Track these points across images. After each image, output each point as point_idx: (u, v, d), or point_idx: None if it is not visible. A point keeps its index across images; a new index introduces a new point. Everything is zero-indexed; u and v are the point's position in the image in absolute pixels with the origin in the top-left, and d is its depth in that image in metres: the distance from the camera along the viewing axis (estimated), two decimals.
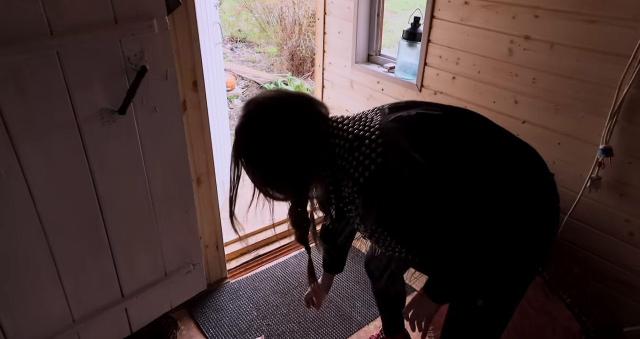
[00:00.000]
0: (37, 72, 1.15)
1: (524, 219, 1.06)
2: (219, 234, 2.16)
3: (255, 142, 1.00)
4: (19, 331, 1.38)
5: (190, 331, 2.05)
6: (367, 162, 0.95)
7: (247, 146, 1.02)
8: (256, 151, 1.01)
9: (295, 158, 1.00)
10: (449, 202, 0.99)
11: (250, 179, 1.11)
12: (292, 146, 0.99)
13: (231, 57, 6.34)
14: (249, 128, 1.00)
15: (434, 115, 1.06)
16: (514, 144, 1.12)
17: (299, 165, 1.01)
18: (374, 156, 0.95)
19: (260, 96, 1.02)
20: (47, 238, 1.33)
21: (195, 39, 1.67)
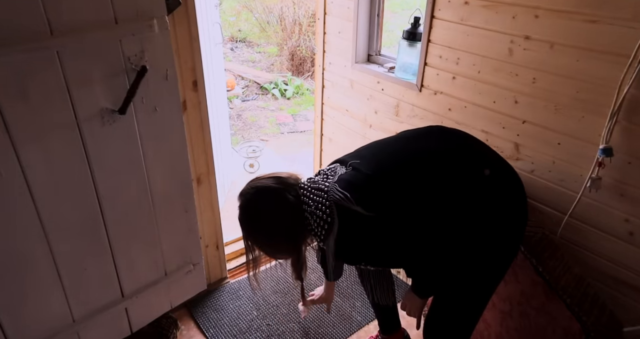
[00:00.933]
0: (37, 72, 1.15)
1: (476, 221, 1.27)
2: (219, 234, 2.16)
3: (253, 228, 1.36)
4: (19, 330, 1.38)
5: (190, 330, 2.05)
6: (321, 223, 1.26)
7: (249, 231, 1.37)
8: (256, 233, 1.37)
9: (283, 232, 1.34)
10: (406, 229, 1.23)
11: (261, 251, 1.44)
12: (278, 224, 1.33)
13: (231, 57, 6.34)
14: (244, 219, 1.36)
15: (362, 172, 1.30)
16: (454, 149, 1.36)
17: (288, 235, 1.35)
18: (325, 217, 1.24)
19: (244, 191, 1.35)
20: (47, 238, 1.33)
21: (196, 39, 1.67)
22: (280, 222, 1.32)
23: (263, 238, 1.37)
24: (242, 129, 4.49)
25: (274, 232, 1.34)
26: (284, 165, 3.57)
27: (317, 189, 1.30)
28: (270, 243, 1.39)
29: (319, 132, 2.65)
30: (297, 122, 4.70)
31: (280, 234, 1.34)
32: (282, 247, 1.40)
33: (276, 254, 1.46)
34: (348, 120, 2.44)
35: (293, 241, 1.36)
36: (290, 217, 1.31)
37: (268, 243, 1.39)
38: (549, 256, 1.52)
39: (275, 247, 1.40)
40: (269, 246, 1.40)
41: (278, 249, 1.41)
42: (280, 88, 5.33)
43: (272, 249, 1.42)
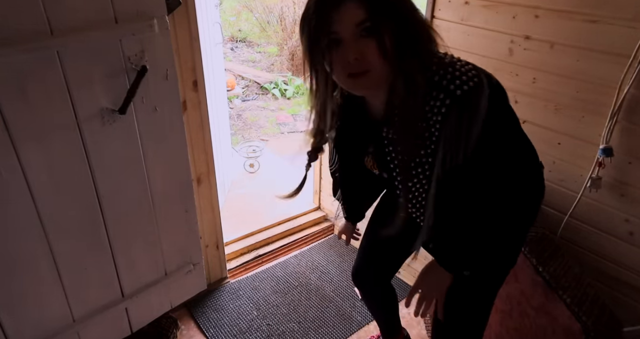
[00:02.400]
0: (38, 72, 1.15)
1: (523, 196, 1.02)
2: (219, 234, 2.16)
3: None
4: (19, 330, 1.38)
5: (190, 330, 2.06)
6: (464, 78, 0.89)
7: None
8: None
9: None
10: (495, 152, 0.95)
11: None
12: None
13: (231, 57, 6.34)
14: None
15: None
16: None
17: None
18: (471, 75, 0.90)
19: None
20: (47, 238, 1.33)
21: (196, 38, 1.67)
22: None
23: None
24: (242, 129, 4.49)
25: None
26: (284, 165, 3.57)
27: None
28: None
29: None
30: (298, 122, 4.70)
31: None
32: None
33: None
34: None
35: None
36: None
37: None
38: (549, 256, 1.52)
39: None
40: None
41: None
42: (281, 88, 5.33)
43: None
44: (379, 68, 0.91)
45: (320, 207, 2.87)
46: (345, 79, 0.95)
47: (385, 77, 0.94)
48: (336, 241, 2.66)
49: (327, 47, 0.92)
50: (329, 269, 2.43)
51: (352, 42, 0.89)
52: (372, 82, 0.94)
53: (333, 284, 2.33)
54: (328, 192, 2.75)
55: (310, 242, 2.66)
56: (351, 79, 0.94)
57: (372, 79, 0.93)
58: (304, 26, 0.94)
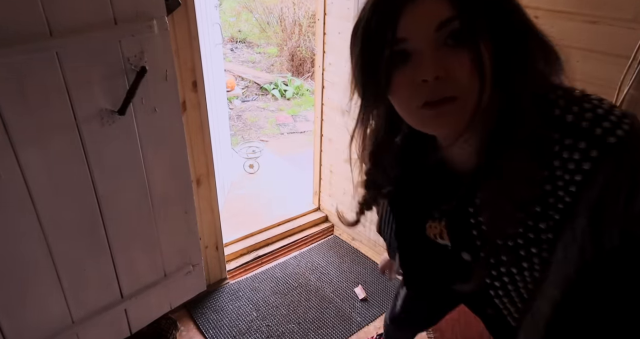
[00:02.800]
0: (37, 73, 1.15)
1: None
2: (219, 235, 2.16)
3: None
4: (18, 331, 1.37)
5: (189, 331, 2.05)
6: (613, 119, 0.57)
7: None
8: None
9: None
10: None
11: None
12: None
13: (231, 58, 6.34)
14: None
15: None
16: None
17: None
18: (619, 113, 0.58)
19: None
20: (46, 239, 1.33)
21: (195, 39, 1.66)
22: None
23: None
24: (242, 130, 4.49)
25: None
26: (284, 166, 3.56)
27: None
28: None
29: (319, 132, 2.65)
30: (297, 122, 4.70)
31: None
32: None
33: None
34: (348, 121, 2.44)
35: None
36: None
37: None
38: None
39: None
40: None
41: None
42: (280, 89, 5.33)
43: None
44: (471, 93, 0.58)
45: (320, 208, 2.87)
46: (417, 110, 0.61)
47: (479, 109, 0.59)
48: (336, 242, 2.66)
49: (389, 64, 0.60)
50: (329, 270, 2.43)
51: (431, 54, 0.57)
52: (459, 115, 0.59)
53: (333, 285, 2.32)
54: (328, 192, 2.75)
55: (310, 243, 2.66)
56: (428, 111, 0.60)
57: (460, 110, 0.59)
58: (356, 33, 0.63)
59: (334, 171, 2.64)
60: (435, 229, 0.80)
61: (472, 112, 0.59)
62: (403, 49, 0.59)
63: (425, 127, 0.64)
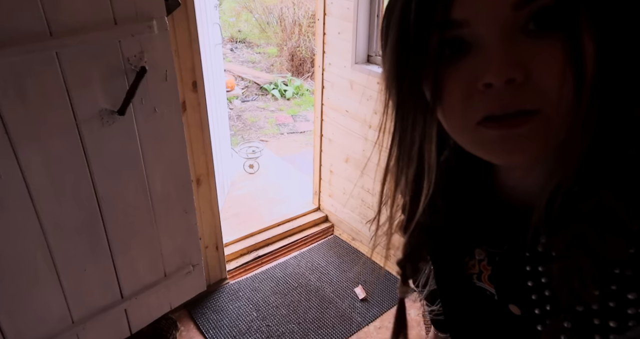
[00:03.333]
0: (37, 73, 1.15)
1: None
2: (219, 235, 2.16)
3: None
4: (18, 332, 1.37)
5: (189, 332, 2.05)
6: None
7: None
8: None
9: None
10: None
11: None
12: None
13: (231, 58, 6.34)
14: None
15: None
16: None
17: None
18: None
19: None
20: (46, 239, 1.33)
21: (195, 39, 1.66)
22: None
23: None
24: (241, 130, 4.49)
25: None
26: (284, 166, 3.56)
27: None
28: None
29: (319, 132, 2.65)
30: (297, 122, 4.70)
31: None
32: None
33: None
34: (348, 121, 2.44)
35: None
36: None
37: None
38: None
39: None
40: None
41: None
42: (280, 89, 5.33)
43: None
44: (561, 106, 0.39)
45: (319, 208, 2.87)
46: (474, 128, 0.41)
47: (568, 129, 0.41)
48: (336, 242, 2.66)
49: (437, 59, 0.41)
50: (329, 270, 2.42)
51: (502, 44, 0.38)
52: (539, 137, 0.40)
53: (333, 285, 2.32)
54: (328, 192, 2.75)
55: (310, 243, 2.66)
56: (491, 130, 0.40)
57: (542, 130, 0.40)
58: (391, 14, 0.44)
59: (334, 171, 2.64)
60: (473, 268, 0.60)
61: (559, 134, 0.39)
62: (459, 37, 0.39)
63: (485, 152, 0.42)
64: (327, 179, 2.73)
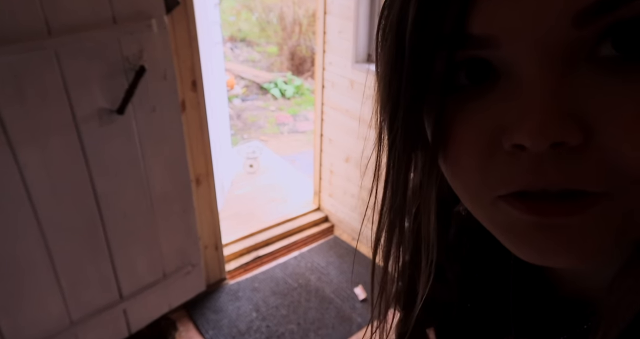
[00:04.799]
0: (35, 72, 1.14)
1: None
2: (218, 235, 2.15)
3: None
4: (17, 332, 1.37)
5: (189, 332, 2.04)
6: None
7: None
8: None
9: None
10: None
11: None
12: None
13: (231, 57, 6.34)
14: None
15: None
16: None
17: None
18: None
19: None
20: (44, 239, 1.32)
21: (195, 38, 1.66)
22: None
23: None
24: (241, 129, 4.48)
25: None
26: (284, 165, 3.56)
27: None
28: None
29: (319, 132, 2.64)
30: (297, 122, 4.69)
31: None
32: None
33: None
34: (348, 120, 2.43)
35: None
36: None
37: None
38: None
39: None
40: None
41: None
42: (280, 88, 5.32)
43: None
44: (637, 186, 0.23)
45: (319, 209, 2.86)
46: (492, 200, 0.27)
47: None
48: (336, 242, 2.65)
49: (446, 87, 0.27)
50: (329, 271, 2.42)
51: (549, 81, 0.22)
52: (604, 233, 0.24)
53: (333, 285, 2.32)
54: (328, 192, 2.74)
55: (310, 244, 2.65)
56: (521, 213, 0.25)
57: (608, 221, 0.24)
58: (388, 15, 0.29)
59: (334, 171, 2.63)
60: None
61: (634, 226, 0.25)
62: (482, 58, 0.25)
63: (506, 241, 0.29)
64: (327, 179, 2.72)
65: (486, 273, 0.41)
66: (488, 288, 0.41)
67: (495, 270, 0.41)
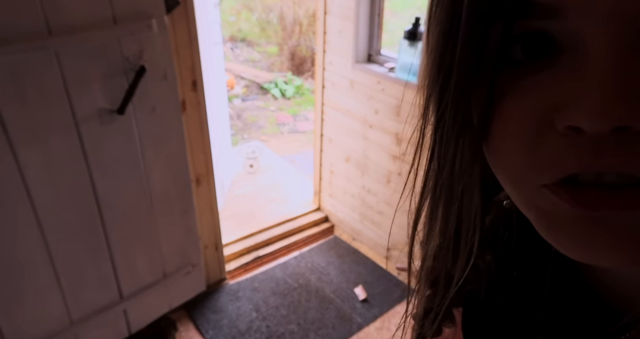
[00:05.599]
0: (35, 72, 1.14)
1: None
2: (218, 235, 2.15)
3: None
4: (17, 332, 1.37)
5: (189, 332, 2.04)
6: None
7: None
8: None
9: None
10: None
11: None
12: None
13: (231, 57, 6.34)
14: None
15: None
16: None
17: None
18: None
19: None
20: (45, 239, 1.32)
21: (195, 38, 1.66)
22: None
23: None
24: (242, 129, 4.48)
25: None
26: (284, 165, 3.56)
27: None
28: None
29: (319, 132, 2.64)
30: (297, 122, 4.69)
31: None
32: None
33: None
34: (348, 120, 2.43)
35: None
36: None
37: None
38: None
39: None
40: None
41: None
42: (281, 88, 5.32)
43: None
44: None
45: (320, 209, 2.86)
46: (536, 188, 0.25)
47: None
48: (336, 242, 2.65)
49: (499, 61, 0.25)
50: (329, 271, 2.42)
51: (621, 58, 0.20)
52: None
53: (333, 285, 2.32)
54: (328, 192, 2.74)
55: (310, 244, 2.65)
56: (567, 204, 0.23)
57: None
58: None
59: (334, 171, 2.63)
60: None
61: None
62: (542, 31, 0.24)
63: (547, 233, 0.26)
64: (327, 179, 2.72)
65: (522, 270, 0.40)
66: (523, 286, 0.40)
67: (531, 268, 0.39)
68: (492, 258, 0.41)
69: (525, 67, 0.25)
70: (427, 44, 0.31)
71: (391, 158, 2.22)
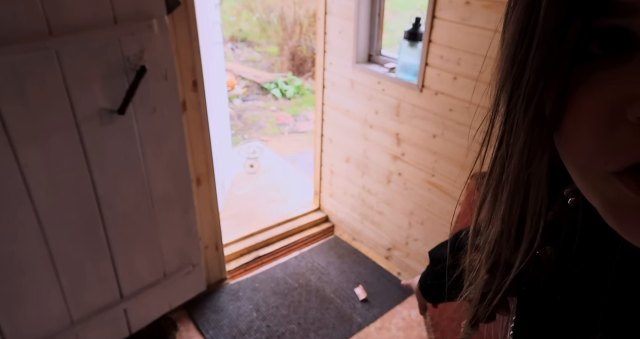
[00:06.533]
0: (36, 72, 1.15)
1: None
2: (219, 235, 2.15)
3: None
4: (17, 332, 1.37)
5: (189, 332, 2.05)
6: None
7: None
8: None
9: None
10: None
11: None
12: None
13: (232, 57, 6.34)
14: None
15: None
16: None
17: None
18: None
19: None
20: (45, 239, 1.32)
21: (195, 38, 1.66)
22: None
23: None
24: (242, 130, 4.48)
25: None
26: (284, 165, 3.56)
27: None
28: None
29: (320, 132, 2.64)
30: (298, 122, 4.69)
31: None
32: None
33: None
34: (349, 120, 2.43)
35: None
36: None
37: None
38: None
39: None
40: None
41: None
42: (281, 88, 5.32)
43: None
44: None
45: (320, 209, 2.86)
46: (604, 176, 0.26)
47: None
48: (336, 242, 2.65)
49: (575, 55, 0.27)
50: (329, 271, 2.42)
51: None
52: None
53: (333, 285, 2.32)
54: (328, 192, 2.74)
55: (311, 244, 2.65)
56: (635, 193, 0.25)
57: None
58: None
59: (335, 171, 2.63)
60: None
61: None
62: (621, 27, 0.25)
63: (614, 221, 0.27)
64: (327, 179, 2.72)
65: (584, 268, 0.39)
66: (583, 283, 0.39)
67: (594, 266, 0.39)
68: (554, 251, 0.41)
69: (601, 62, 0.26)
70: (502, 40, 0.34)
71: (391, 158, 2.23)
